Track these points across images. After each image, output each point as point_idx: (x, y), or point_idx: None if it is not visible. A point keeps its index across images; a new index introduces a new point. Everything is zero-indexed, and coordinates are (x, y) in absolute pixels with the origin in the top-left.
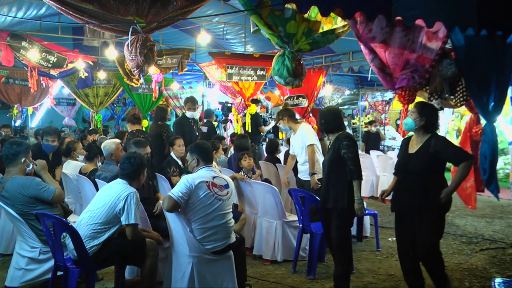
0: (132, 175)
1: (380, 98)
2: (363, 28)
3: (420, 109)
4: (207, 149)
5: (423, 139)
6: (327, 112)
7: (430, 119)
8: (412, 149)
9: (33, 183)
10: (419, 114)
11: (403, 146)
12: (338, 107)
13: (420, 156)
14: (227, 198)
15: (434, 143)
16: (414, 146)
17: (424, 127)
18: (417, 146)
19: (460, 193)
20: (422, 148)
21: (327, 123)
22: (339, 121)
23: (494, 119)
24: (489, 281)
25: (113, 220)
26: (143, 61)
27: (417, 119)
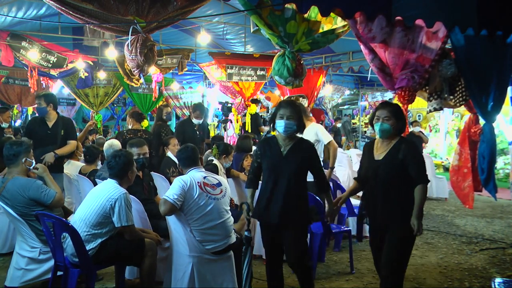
0: (119, 173)
1: (380, 98)
2: (363, 28)
3: (395, 113)
4: (187, 154)
5: (390, 143)
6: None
7: (403, 122)
8: (378, 154)
9: (33, 185)
10: (396, 119)
11: (367, 151)
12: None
13: (388, 163)
14: (221, 197)
15: (403, 148)
16: (381, 151)
17: (397, 131)
18: (385, 151)
19: (458, 192)
20: (391, 153)
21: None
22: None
23: (493, 119)
24: (489, 281)
25: (104, 221)
26: (143, 61)
27: (394, 125)
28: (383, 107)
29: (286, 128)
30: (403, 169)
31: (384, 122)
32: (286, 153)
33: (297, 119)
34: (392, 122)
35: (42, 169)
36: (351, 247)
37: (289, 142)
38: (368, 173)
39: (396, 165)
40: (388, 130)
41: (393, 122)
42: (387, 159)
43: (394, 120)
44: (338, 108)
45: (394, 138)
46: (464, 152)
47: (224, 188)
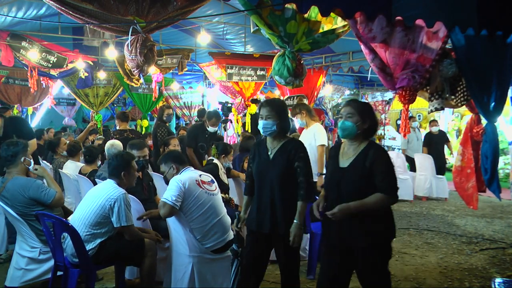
0: (115, 172)
1: (380, 98)
2: (363, 28)
3: (361, 109)
4: (178, 153)
5: (358, 148)
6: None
7: (373, 122)
8: (344, 161)
9: (33, 185)
10: (361, 116)
11: (332, 156)
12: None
13: (354, 172)
14: (217, 193)
15: (371, 154)
16: (347, 156)
17: (365, 133)
18: (351, 156)
19: (462, 193)
20: (357, 160)
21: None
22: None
23: (495, 119)
24: (489, 281)
25: (103, 221)
26: (143, 61)
27: (358, 123)
28: (347, 104)
29: (264, 129)
30: (371, 180)
31: (346, 120)
32: (273, 156)
33: (278, 118)
34: (355, 120)
35: (41, 169)
36: None
37: (277, 144)
38: (330, 183)
39: (362, 174)
40: (349, 129)
41: (357, 120)
42: (353, 167)
43: (358, 118)
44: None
45: (362, 142)
46: (467, 153)
47: (216, 184)
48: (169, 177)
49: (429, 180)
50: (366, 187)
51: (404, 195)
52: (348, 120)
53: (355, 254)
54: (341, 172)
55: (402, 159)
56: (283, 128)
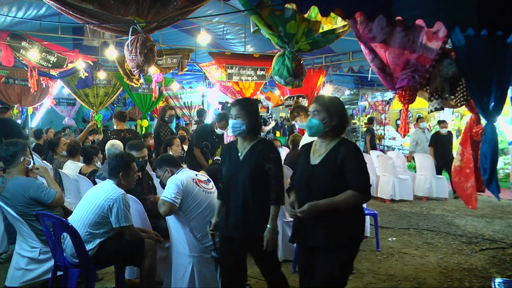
0: (113, 172)
1: (380, 98)
2: (363, 28)
3: (329, 106)
4: (171, 157)
5: (329, 145)
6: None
7: (342, 119)
8: (315, 158)
9: (34, 185)
10: (328, 113)
11: (303, 153)
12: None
13: (325, 169)
14: (214, 191)
15: (342, 151)
16: (318, 154)
17: (334, 130)
18: (322, 154)
19: (461, 193)
20: (328, 157)
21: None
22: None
23: (495, 119)
24: (489, 281)
25: (102, 221)
26: (143, 61)
27: (326, 120)
28: (315, 100)
29: (233, 129)
30: (342, 177)
31: (313, 117)
32: (243, 157)
33: (247, 117)
34: (322, 116)
35: (42, 169)
36: None
37: (248, 145)
38: (300, 181)
39: (333, 171)
40: (316, 126)
41: (323, 117)
42: (324, 164)
43: (325, 115)
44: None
45: (333, 139)
46: (466, 153)
47: (213, 184)
48: (165, 180)
49: (429, 180)
50: (337, 184)
51: (404, 195)
52: (315, 118)
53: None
54: (311, 169)
55: (402, 159)
56: (253, 127)
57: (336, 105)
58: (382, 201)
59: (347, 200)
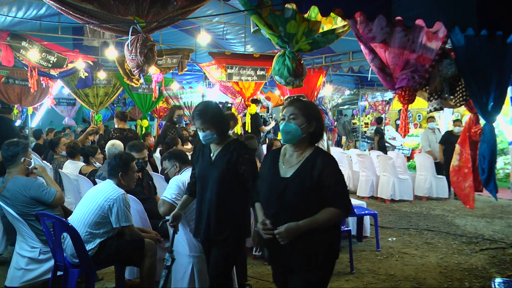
0: (113, 172)
1: (380, 98)
2: (363, 28)
3: (307, 110)
4: (183, 152)
5: (303, 155)
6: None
7: (320, 126)
8: (286, 170)
9: (34, 184)
10: (307, 118)
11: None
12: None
13: (299, 183)
14: None
15: (320, 163)
16: (289, 165)
17: (311, 138)
18: (295, 165)
19: (459, 193)
20: (303, 169)
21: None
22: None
23: (493, 119)
24: (489, 281)
25: (102, 221)
26: (143, 61)
27: (304, 125)
28: (290, 104)
29: (205, 140)
30: (318, 192)
31: (289, 122)
32: (214, 158)
33: (213, 127)
34: (300, 121)
35: (41, 169)
36: (351, 247)
37: (220, 146)
38: (270, 196)
39: (309, 185)
40: (293, 131)
41: (302, 122)
42: (298, 177)
43: (303, 120)
44: (338, 108)
45: (307, 148)
46: (464, 152)
47: None
48: (171, 175)
49: (429, 180)
50: (313, 200)
51: (404, 195)
52: (291, 122)
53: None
54: (283, 182)
55: (402, 159)
56: (223, 132)
57: (314, 110)
58: (382, 201)
59: (330, 219)
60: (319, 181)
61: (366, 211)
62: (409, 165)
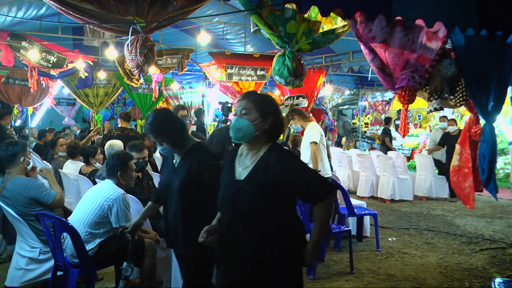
0: (112, 171)
1: (380, 98)
2: (363, 28)
3: (261, 104)
4: None
5: (257, 154)
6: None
7: (277, 122)
8: (240, 171)
9: (34, 185)
10: (261, 113)
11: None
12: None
13: (253, 184)
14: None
15: (274, 162)
16: (243, 166)
17: (267, 135)
18: (249, 166)
19: (459, 193)
20: (256, 170)
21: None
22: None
23: (494, 119)
24: (489, 281)
25: (102, 221)
26: (143, 61)
27: (257, 121)
28: (243, 97)
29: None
30: (277, 194)
31: (241, 117)
32: (177, 165)
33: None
34: (253, 117)
35: (45, 171)
36: (351, 247)
37: (182, 152)
38: (224, 200)
39: (263, 188)
40: (245, 128)
41: (254, 117)
42: (251, 179)
43: (256, 115)
44: (338, 108)
45: (263, 146)
46: (464, 152)
47: None
48: None
49: (429, 180)
50: (267, 204)
51: (404, 195)
52: (243, 118)
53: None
54: (236, 186)
55: (402, 159)
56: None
57: (270, 104)
58: (382, 201)
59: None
60: (277, 181)
61: (366, 211)
62: (409, 165)
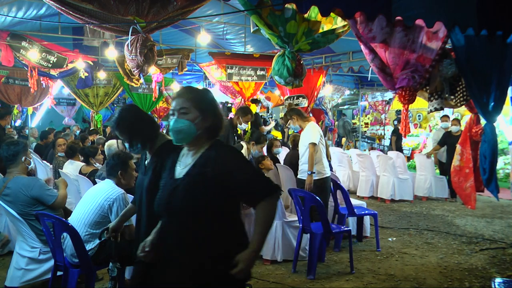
0: (112, 171)
1: (380, 98)
2: (363, 28)
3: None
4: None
5: (197, 152)
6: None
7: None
8: (180, 170)
9: (37, 184)
10: (201, 111)
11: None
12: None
13: (189, 183)
14: None
15: (214, 159)
16: (184, 165)
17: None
18: (189, 164)
19: (460, 193)
20: (195, 168)
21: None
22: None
23: (494, 119)
24: (489, 281)
25: (102, 221)
26: (143, 61)
27: (197, 120)
28: (179, 94)
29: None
30: (215, 192)
31: (180, 117)
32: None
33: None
34: (193, 116)
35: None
36: (351, 247)
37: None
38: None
39: (203, 187)
40: (186, 129)
41: (194, 116)
42: (188, 177)
43: (196, 114)
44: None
45: (204, 145)
46: (465, 153)
47: None
48: None
49: (429, 180)
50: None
51: (404, 195)
52: (183, 118)
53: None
54: (173, 185)
55: (402, 159)
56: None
57: (209, 99)
58: (382, 201)
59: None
60: (216, 178)
61: (366, 211)
62: (409, 165)
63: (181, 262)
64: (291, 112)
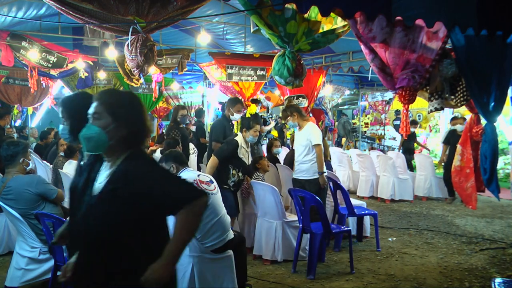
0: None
1: (380, 98)
2: (363, 28)
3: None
4: (179, 154)
5: (114, 163)
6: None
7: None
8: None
9: (39, 180)
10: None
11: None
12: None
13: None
14: (216, 192)
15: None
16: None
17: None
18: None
19: (461, 193)
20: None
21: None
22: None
23: (495, 119)
24: (489, 281)
25: None
26: (143, 61)
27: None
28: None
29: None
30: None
31: (92, 123)
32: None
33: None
34: (104, 123)
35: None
36: (351, 247)
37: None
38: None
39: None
40: (96, 137)
41: (106, 123)
42: (102, 196)
43: (109, 121)
44: (338, 108)
45: (120, 156)
46: (466, 153)
47: (216, 185)
48: None
49: (429, 180)
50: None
51: (404, 195)
52: (94, 124)
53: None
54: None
55: (402, 159)
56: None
57: (127, 105)
58: (382, 201)
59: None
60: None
61: (366, 211)
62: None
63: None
64: (291, 108)
